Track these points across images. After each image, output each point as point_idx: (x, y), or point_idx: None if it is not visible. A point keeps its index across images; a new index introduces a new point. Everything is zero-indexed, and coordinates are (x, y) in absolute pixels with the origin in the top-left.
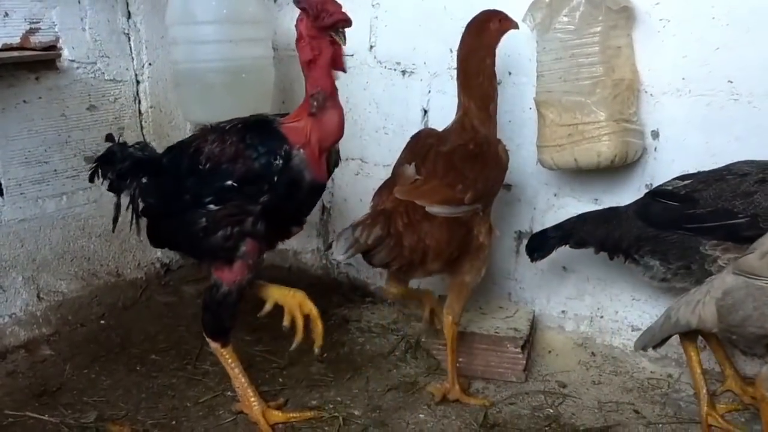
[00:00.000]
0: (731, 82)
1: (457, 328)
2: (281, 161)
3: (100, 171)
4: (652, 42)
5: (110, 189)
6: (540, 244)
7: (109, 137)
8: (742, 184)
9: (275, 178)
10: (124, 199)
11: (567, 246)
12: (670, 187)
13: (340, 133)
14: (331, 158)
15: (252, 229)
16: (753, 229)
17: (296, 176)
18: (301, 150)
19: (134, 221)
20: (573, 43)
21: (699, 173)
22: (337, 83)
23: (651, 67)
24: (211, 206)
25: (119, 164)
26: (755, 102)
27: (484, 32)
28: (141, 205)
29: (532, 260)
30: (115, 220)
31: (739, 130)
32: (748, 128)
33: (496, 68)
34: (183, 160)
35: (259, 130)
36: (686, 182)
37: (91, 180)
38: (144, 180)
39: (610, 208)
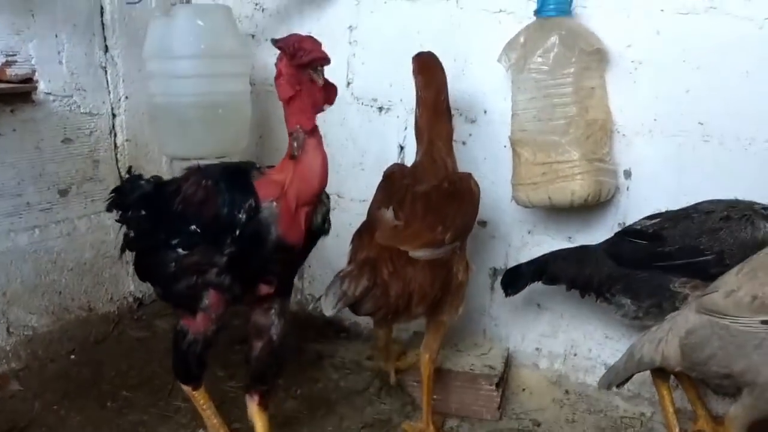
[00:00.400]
0: (702, 123)
1: (434, 367)
2: (245, 215)
3: (114, 202)
4: (624, 83)
5: (119, 220)
6: (513, 280)
7: (129, 171)
8: (707, 222)
9: (238, 231)
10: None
11: (540, 282)
12: (638, 226)
13: (322, 181)
14: (314, 215)
15: (216, 280)
16: (719, 266)
17: (262, 232)
18: (273, 203)
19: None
20: (547, 83)
21: (667, 212)
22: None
23: (624, 108)
24: (180, 250)
25: (128, 196)
26: (726, 143)
27: (442, 69)
28: (129, 234)
29: (506, 295)
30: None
31: (711, 169)
32: (719, 168)
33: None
34: (163, 197)
35: (233, 178)
36: (654, 221)
37: (109, 210)
38: (142, 213)
39: (582, 246)
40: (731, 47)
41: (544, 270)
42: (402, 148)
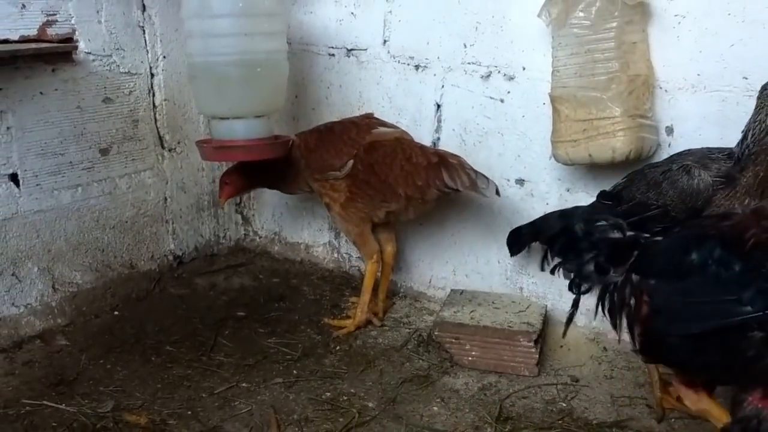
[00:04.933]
0: (746, 78)
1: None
2: None
3: (549, 256)
4: (667, 38)
5: (571, 287)
6: (515, 240)
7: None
8: (653, 176)
9: None
10: None
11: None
12: (610, 187)
13: None
14: None
15: None
16: (667, 219)
17: None
18: None
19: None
20: (589, 38)
21: (635, 170)
22: (351, 77)
23: (666, 63)
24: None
25: (588, 252)
26: None
27: None
28: (644, 312)
29: (510, 255)
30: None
31: None
32: None
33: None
34: (727, 255)
35: None
36: (623, 180)
37: (552, 272)
38: (651, 282)
39: (573, 207)
40: None
41: (541, 231)
42: (439, 106)
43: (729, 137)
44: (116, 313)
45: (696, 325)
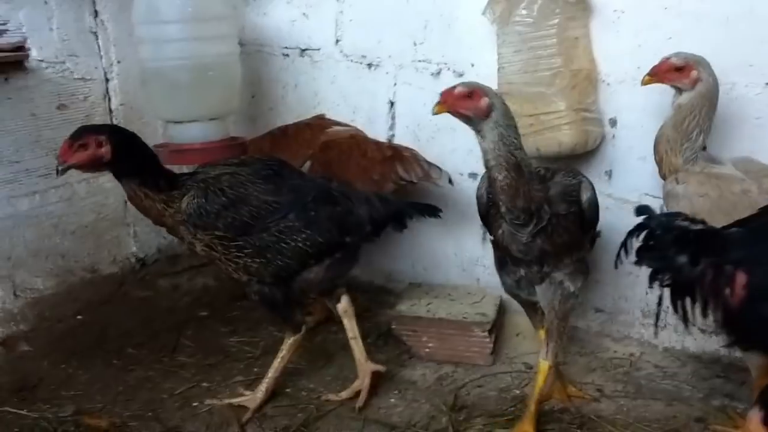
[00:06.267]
0: None
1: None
2: None
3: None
4: (608, 32)
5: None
6: None
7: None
8: None
9: None
10: None
11: None
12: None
13: None
14: None
15: None
16: None
17: None
18: None
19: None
20: (532, 35)
21: None
22: (306, 77)
23: (608, 57)
24: None
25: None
26: None
27: None
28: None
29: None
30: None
31: None
32: None
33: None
34: None
35: None
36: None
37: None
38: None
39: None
40: None
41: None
42: (392, 103)
43: None
44: (79, 317)
45: None
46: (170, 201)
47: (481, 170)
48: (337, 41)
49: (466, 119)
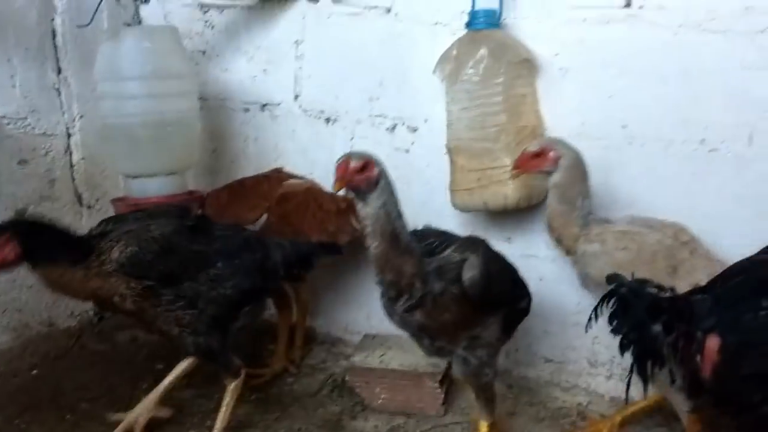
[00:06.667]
0: (625, 126)
1: None
2: None
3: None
4: (553, 90)
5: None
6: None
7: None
8: None
9: None
10: None
11: None
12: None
13: None
14: None
15: None
16: None
17: None
18: None
19: None
20: (478, 93)
21: None
22: (266, 131)
23: (553, 114)
24: None
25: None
26: (647, 144)
27: None
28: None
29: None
30: None
31: (635, 170)
32: (642, 169)
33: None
34: None
35: None
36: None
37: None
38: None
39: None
40: (649, 53)
41: None
42: None
43: (612, 182)
44: (34, 372)
45: None
46: (91, 262)
47: (435, 221)
48: (296, 96)
49: (358, 191)
